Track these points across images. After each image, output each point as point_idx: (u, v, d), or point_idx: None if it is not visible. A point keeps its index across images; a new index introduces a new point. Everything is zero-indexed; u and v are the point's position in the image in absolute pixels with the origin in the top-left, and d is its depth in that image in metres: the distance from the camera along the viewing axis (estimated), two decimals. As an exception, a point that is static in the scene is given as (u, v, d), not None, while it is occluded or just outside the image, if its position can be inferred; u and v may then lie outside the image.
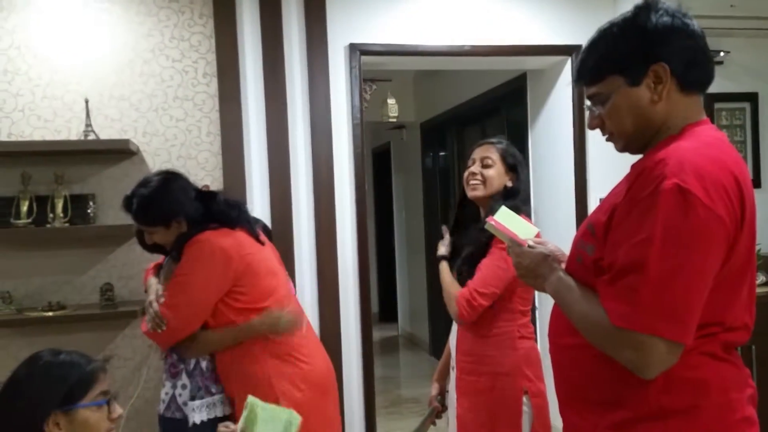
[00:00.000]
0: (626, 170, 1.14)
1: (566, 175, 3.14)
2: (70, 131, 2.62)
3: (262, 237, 2.00)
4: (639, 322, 0.98)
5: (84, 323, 2.51)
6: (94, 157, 2.64)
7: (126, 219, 2.62)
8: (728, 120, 3.39)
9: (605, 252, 1.06)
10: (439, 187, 5.28)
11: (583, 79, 1.15)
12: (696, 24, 1.10)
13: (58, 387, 1.20)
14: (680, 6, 1.09)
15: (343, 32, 2.84)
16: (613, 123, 1.13)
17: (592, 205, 3.10)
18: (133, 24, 2.69)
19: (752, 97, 3.40)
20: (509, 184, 1.96)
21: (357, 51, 2.83)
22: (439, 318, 5.31)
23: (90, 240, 2.63)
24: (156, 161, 2.71)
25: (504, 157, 1.96)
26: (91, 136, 2.55)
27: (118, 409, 1.27)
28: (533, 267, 1.24)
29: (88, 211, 2.61)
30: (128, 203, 1.88)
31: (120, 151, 2.60)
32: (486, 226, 1.43)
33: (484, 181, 1.93)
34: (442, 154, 5.27)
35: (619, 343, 1.01)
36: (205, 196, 1.93)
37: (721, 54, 3.29)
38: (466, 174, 1.99)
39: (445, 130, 5.09)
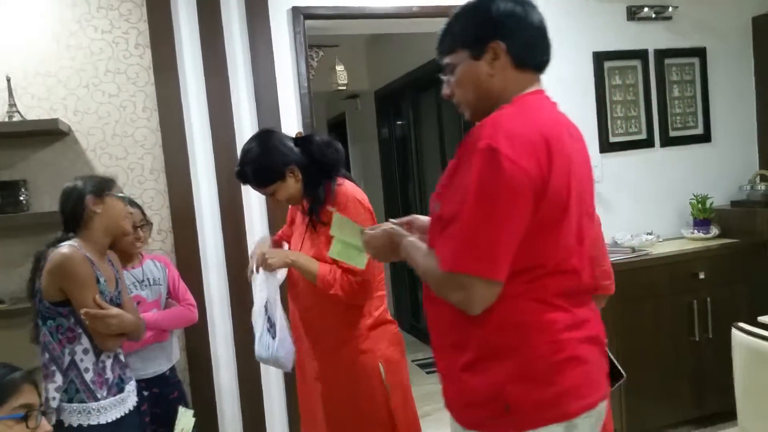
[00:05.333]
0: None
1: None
2: (-8, 112, 2.43)
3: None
4: (458, 264, 1.13)
5: (22, 318, 2.35)
6: (22, 140, 2.45)
7: (62, 204, 2.50)
8: (678, 75, 3.40)
9: (444, 207, 1.22)
10: (396, 156, 5.20)
11: (439, 48, 1.31)
12: (537, 14, 1.24)
13: None
14: None
15: (285, -5, 2.70)
16: (459, 92, 1.28)
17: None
18: (54, -7, 2.49)
19: (701, 53, 3.42)
20: None
21: (300, 15, 2.69)
22: (401, 291, 5.29)
23: (24, 229, 2.46)
24: (90, 141, 2.54)
25: None
26: (16, 117, 2.36)
27: (45, 426, 1.17)
28: (387, 243, 1.40)
29: (21, 198, 2.44)
30: (243, 176, 1.91)
31: (49, 132, 2.42)
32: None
33: None
34: (399, 122, 5.17)
35: (447, 286, 1.17)
36: (303, 141, 1.94)
37: (670, 9, 3.29)
38: None
39: (400, 98, 4.99)
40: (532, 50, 1.24)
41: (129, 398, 1.88)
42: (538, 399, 1.17)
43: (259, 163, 1.86)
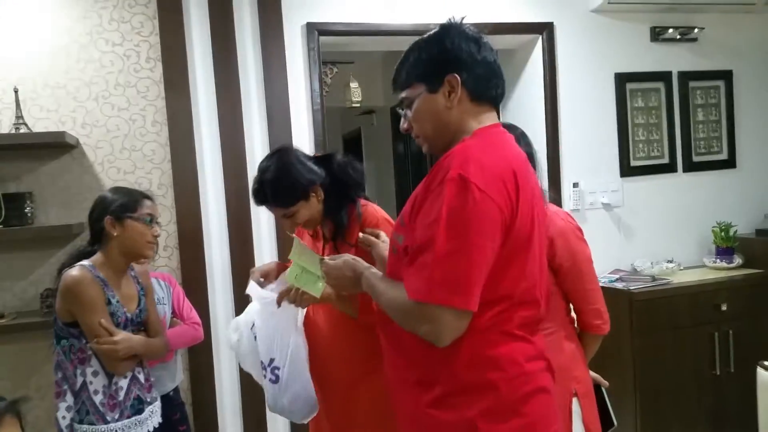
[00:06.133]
0: (597, 151, 1.14)
1: (539, 154, 3.02)
2: (0, 124, 2.39)
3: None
4: (430, 294, 1.11)
5: (24, 333, 2.31)
6: (29, 152, 2.41)
7: (68, 219, 2.46)
8: (703, 99, 3.29)
9: (410, 238, 1.20)
10: (411, 172, 5.14)
11: (395, 84, 1.31)
12: (488, 50, 1.26)
13: None
14: (479, 32, 1.27)
15: (300, 11, 2.65)
16: (417, 126, 1.28)
17: (566, 185, 3.00)
18: (66, 6, 2.46)
19: (726, 75, 3.32)
20: None
21: (315, 31, 2.64)
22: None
23: (29, 242, 2.42)
24: (98, 154, 2.50)
25: None
26: (23, 129, 2.33)
27: None
28: (348, 274, 1.37)
29: (26, 210, 2.39)
30: (262, 196, 1.73)
31: (57, 145, 2.38)
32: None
33: None
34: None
35: (416, 317, 1.14)
36: (324, 160, 1.80)
37: (695, 31, 3.19)
38: None
39: (416, 114, 4.93)
40: (486, 83, 1.25)
41: (149, 420, 1.82)
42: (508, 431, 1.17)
43: (281, 181, 1.69)
